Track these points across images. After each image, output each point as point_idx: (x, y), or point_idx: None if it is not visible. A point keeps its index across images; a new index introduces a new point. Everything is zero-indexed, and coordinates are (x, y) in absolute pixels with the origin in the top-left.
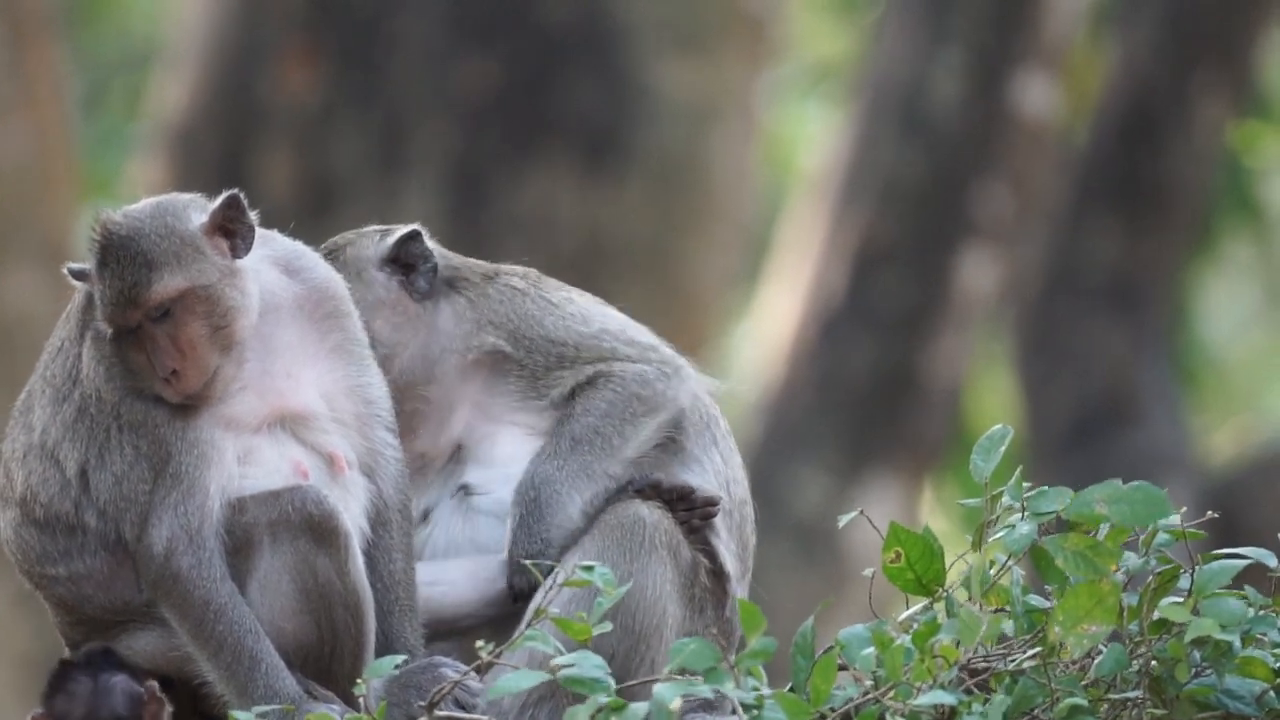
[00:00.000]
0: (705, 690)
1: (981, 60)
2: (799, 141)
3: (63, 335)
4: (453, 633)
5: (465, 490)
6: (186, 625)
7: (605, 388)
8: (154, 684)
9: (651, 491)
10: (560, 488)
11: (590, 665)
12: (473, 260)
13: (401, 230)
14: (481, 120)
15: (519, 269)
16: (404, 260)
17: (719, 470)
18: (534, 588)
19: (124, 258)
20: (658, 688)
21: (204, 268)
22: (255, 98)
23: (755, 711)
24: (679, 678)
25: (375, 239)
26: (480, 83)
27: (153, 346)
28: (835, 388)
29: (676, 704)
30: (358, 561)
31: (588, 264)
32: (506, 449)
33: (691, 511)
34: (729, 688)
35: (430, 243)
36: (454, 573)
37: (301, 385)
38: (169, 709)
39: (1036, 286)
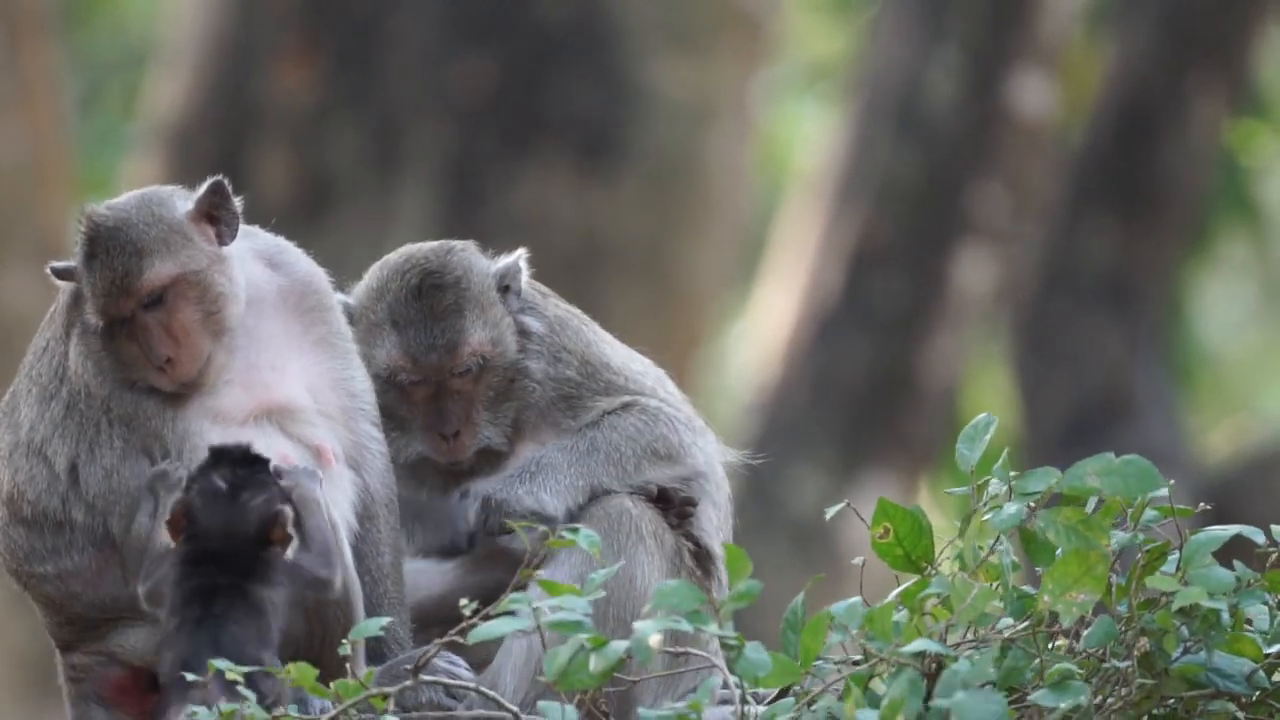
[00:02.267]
0: (686, 626)
1: (977, 59)
2: (795, 141)
3: (48, 335)
4: (439, 623)
5: (464, 494)
6: None
7: (638, 414)
8: (288, 511)
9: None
10: (560, 477)
11: (578, 609)
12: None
13: (507, 260)
14: (477, 119)
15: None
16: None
17: (713, 524)
18: (498, 530)
19: (113, 247)
20: (638, 624)
21: (193, 254)
22: (251, 97)
23: (736, 652)
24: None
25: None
26: (476, 82)
27: (145, 335)
28: (831, 387)
29: (656, 640)
30: (346, 554)
31: (584, 263)
32: (519, 460)
33: (667, 512)
34: (711, 628)
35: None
36: (439, 567)
37: (287, 378)
38: (290, 537)
39: (1032, 285)
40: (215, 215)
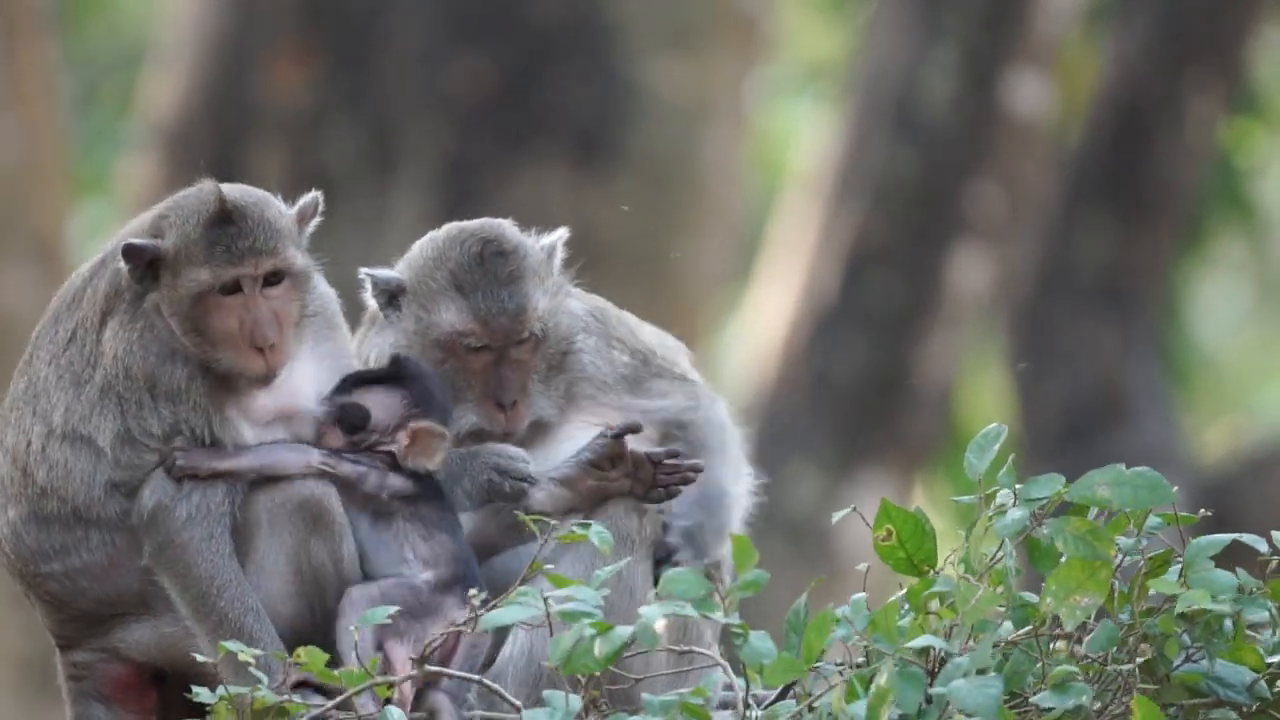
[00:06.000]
0: (691, 612)
1: (974, 59)
2: (791, 140)
3: (72, 324)
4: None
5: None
6: (188, 598)
7: (724, 440)
8: (432, 426)
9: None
10: (734, 506)
11: (587, 599)
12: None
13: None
14: (473, 119)
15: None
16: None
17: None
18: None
19: (251, 217)
20: (644, 608)
21: (303, 254)
22: (247, 96)
23: (741, 640)
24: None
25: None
26: (472, 81)
27: (255, 312)
28: (828, 386)
29: (661, 624)
30: (351, 548)
31: (580, 263)
32: (566, 440)
33: (672, 475)
34: (717, 615)
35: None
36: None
37: (300, 386)
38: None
39: (1028, 285)
40: (303, 226)
